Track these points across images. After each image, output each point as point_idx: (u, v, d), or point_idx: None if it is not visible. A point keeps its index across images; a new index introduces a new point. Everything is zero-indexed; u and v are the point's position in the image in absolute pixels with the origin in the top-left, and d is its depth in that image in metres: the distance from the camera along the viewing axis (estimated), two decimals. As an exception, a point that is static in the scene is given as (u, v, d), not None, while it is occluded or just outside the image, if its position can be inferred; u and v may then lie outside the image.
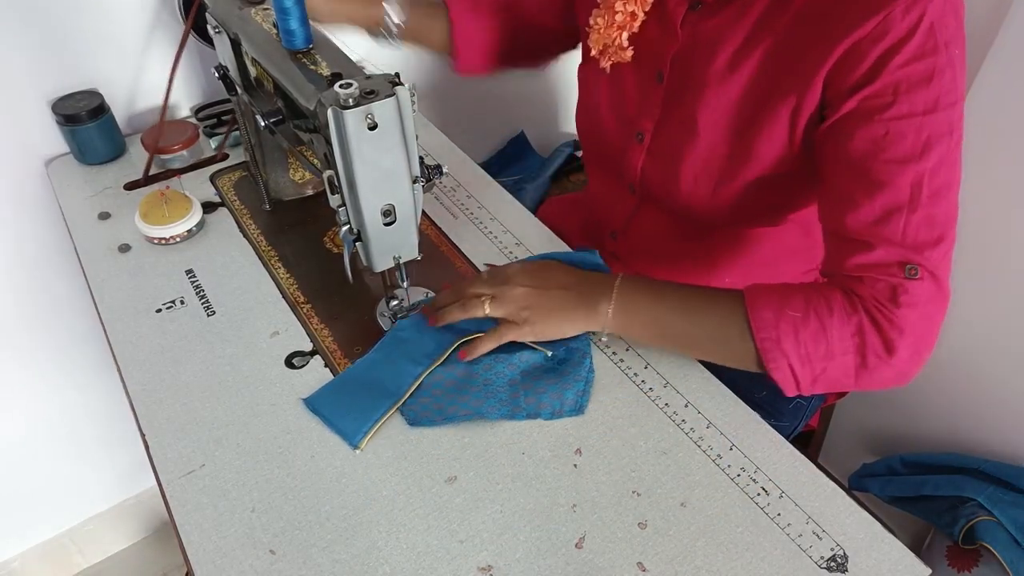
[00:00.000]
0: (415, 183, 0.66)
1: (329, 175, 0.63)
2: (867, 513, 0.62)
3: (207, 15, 0.81)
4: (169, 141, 0.99)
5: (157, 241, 0.88)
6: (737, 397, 0.71)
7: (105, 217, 0.93)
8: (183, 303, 0.81)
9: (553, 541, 0.61)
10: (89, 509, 1.44)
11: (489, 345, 0.72)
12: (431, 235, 0.92)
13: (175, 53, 0.91)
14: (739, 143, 0.74)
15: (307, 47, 0.70)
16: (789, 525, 0.61)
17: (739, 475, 0.65)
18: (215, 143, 1.04)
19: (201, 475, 0.65)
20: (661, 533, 0.61)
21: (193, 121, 1.07)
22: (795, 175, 0.74)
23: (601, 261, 0.79)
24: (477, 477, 0.65)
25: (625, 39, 0.77)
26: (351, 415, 0.69)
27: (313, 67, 0.68)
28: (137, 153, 1.03)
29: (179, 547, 0.62)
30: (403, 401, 0.70)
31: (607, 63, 0.79)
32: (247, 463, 0.66)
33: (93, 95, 0.99)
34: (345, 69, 0.66)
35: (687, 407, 0.70)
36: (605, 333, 0.73)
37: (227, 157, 1.03)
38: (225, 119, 1.07)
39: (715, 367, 0.74)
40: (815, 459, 1.20)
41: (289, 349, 0.76)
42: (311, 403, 0.71)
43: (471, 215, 0.94)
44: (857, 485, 1.19)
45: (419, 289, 0.82)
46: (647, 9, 0.75)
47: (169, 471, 0.66)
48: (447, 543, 0.61)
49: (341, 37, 0.74)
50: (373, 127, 0.60)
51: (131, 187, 0.97)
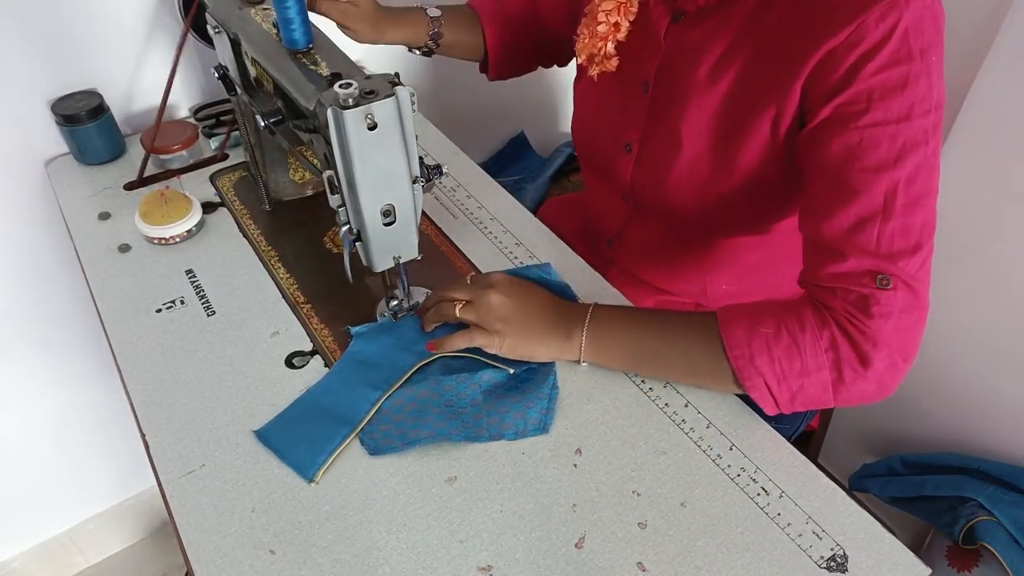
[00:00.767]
0: (415, 183, 0.66)
1: (329, 175, 0.63)
2: (867, 513, 0.62)
3: (207, 15, 0.81)
4: (168, 141, 0.99)
5: (157, 241, 0.88)
6: (736, 397, 0.71)
7: (105, 217, 0.93)
8: (183, 303, 0.81)
9: (553, 541, 0.61)
10: (89, 509, 1.44)
11: (459, 343, 0.72)
12: (431, 235, 0.92)
13: (175, 53, 0.91)
14: (722, 153, 0.74)
15: (307, 47, 0.70)
16: (789, 525, 0.61)
17: (739, 475, 0.65)
18: (214, 143, 1.04)
19: (201, 475, 0.65)
20: (661, 533, 0.61)
21: (192, 121, 1.07)
22: (779, 183, 0.74)
23: (572, 293, 0.79)
24: (477, 477, 0.65)
25: (611, 48, 0.78)
26: (304, 446, 0.66)
27: (313, 67, 0.68)
28: (137, 153, 1.02)
29: (179, 547, 0.62)
30: (361, 428, 0.68)
31: (594, 72, 0.80)
32: (247, 463, 0.66)
33: (92, 95, 0.99)
34: (345, 69, 0.66)
35: (687, 407, 0.70)
36: (581, 361, 0.73)
37: (227, 157, 1.03)
38: (224, 119, 1.07)
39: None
40: (815, 459, 1.20)
41: (289, 349, 0.76)
42: (262, 435, 0.68)
43: (471, 215, 0.94)
44: (857, 485, 1.19)
45: (419, 289, 0.82)
46: (631, 19, 0.76)
47: (169, 471, 0.66)
48: (447, 543, 0.61)
49: (337, 35, 0.74)
50: (373, 127, 0.60)
51: (131, 187, 0.97)
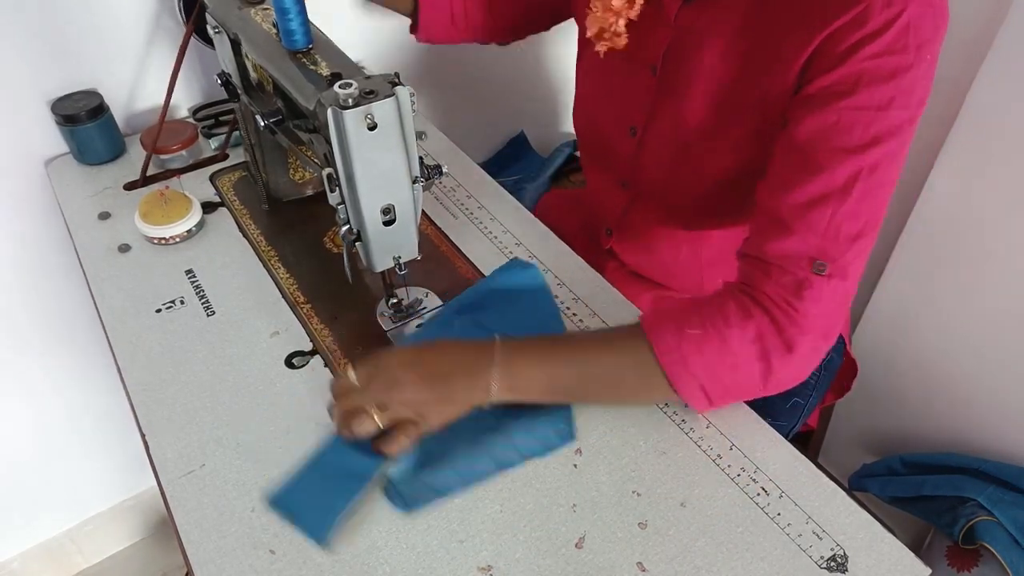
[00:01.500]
0: (415, 183, 0.66)
1: (328, 172, 0.63)
2: (867, 513, 0.62)
3: (207, 15, 0.81)
4: (168, 141, 0.99)
5: (157, 241, 0.88)
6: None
7: (105, 217, 0.93)
8: (183, 303, 0.81)
9: (553, 541, 0.61)
10: (89, 509, 1.44)
11: (404, 444, 0.62)
12: (431, 235, 0.92)
13: (176, 54, 0.91)
14: (727, 137, 0.75)
15: (307, 47, 0.70)
16: (789, 525, 0.61)
17: (739, 475, 0.65)
18: (214, 143, 1.04)
19: (201, 475, 0.65)
20: (661, 533, 0.61)
21: (192, 121, 1.07)
22: None
23: (537, 280, 0.77)
24: (477, 477, 0.65)
25: (621, 25, 0.77)
26: (316, 509, 0.60)
27: (313, 67, 0.68)
28: (137, 153, 1.02)
29: (179, 547, 0.61)
30: (375, 477, 0.62)
31: (601, 48, 0.79)
32: (247, 463, 0.66)
33: (92, 95, 0.99)
34: (345, 69, 0.66)
35: (687, 407, 0.70)
36: (492, 399, 0.65)
37: (227, 157, 1.03)
38: (224, 119, 1.07)
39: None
40: (815, 459, 1.20)
41: (289, 349, 0.76)
42: (275, 503, 0.62)
43: (471, 215, 0.94)
44: (857, 485, 1.19)
45: (419, 289, 0.82)
46: None
47: (169, 471, 0.66)
48: (447, 543, 0.61)
49: (337, 35, 0.74)
50: (373, 127, 0.60)
51: (131, 187, 0.97)
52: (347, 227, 0.67)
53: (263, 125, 0.75)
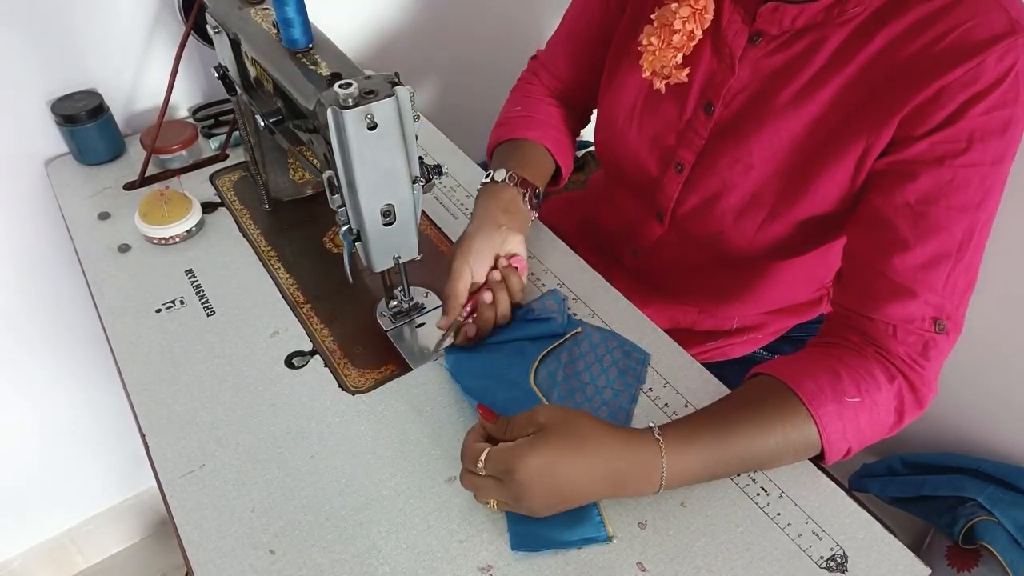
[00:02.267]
0: (415, 183, 0.66)
1: (329, 175, 0.63)
2: (867, 513, 0.62)
3: (207, 15, 0.81)
4: (168, 141, 0.99)
5: (157, 241, 0.88)
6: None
7: (105, 217, 0.93)
8: (183, 303, 0.81)
9: (553, 541, 0.60)
10: (89, 509, 1.44)
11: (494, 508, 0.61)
12: (431, 235, 0.92)
13: (175, 53, 0.91)
14: (798, 180, 0.72)
15: (307, 47, 0.70)
16: (789, 525, 0.61)
17: (738, 475, 0.65)
18: (214, 143, 1.04)
19: (201, 475, 0.65)
20: (661, 533, 0.61)
21: (192, 121, 1.07)
22: (846, 212, 0.72)
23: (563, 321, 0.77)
24: (477, 477, 0.65)
25: (680, 60, 0.74)
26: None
27: (313, 67, 0.68)
28: (137, 153, 1.02)
29: (179, 547, 0.62)
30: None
31: (660, 85, 0.77)
32: (247, 463, 0.66)
33: (92, 95, 0.99)
34: (345, 69, 0.66)
35: (687, 407, 0.70)
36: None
37: (227, 157, 1.03)
38: (224, 119, 1.07)
39: (714, 371, 0.74)
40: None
41: (289, 349, 0.76)
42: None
43: (471, 215, 0.94)
44: (857, 485, 1.19)
45: (419, 289, 0.82)
46: (705, 27, 0.72)
47: (169, 471, 0.66)
48: (447, 543, 0.61)
49: (337, 35, 0.74)
50: (373, 127, 0.60)
51: (131, 187, 0.97)
52: (347, 227, 0.67)
53: (263, 125, 0.75)
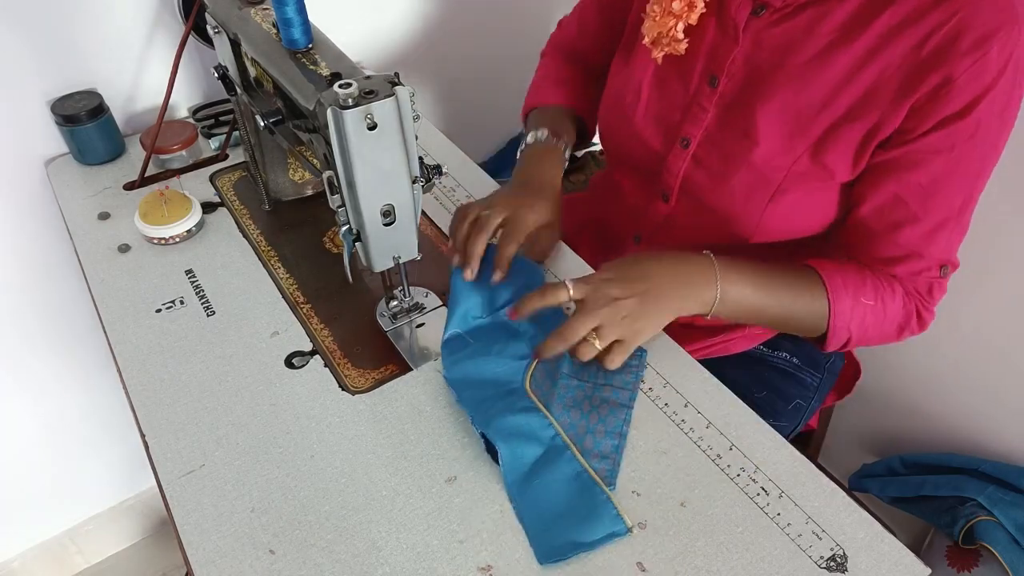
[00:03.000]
0: (415, 183, 0.66)
1: (329, 175, 0.63)
2: (867, 513, 0.62)
3: (207, 15, 0.81)
4: (168, 141, 0.99)
5: (157, 241, 0.88)
6: (736, 397, 0.71)
7: (105, 217, 0.93)
8: (183, 303, 0.81)
9: (553, 541, 0.60)
10: (89, 509, 1.44)
11: (617, 362, 0.69)
12: (431, 235, 0.92)
13: (175, 53, 0.91)
14: (803, 154, 0.73)
15: (307, 47, 0.70)
16: (789, 525, 0.61)
17: (739, 475, 0.65)
18: (214, 144, 1.04)
19: (201, 475, 0.65)
20: (661, 533, 0.61)
21: (192, 121, 1.07)
22: (848, 186, 0.75)
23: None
24: (477, 477, 0.65)
25: (680, 30, 0.75)
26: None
27: (313, 67, 0.68)
28: (136, 153, 1.02)
29: (179, 547, 0.62)
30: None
31: (658, 55, 0.77)
32: (247, 463, 0.66)
33: (92, 95, 0.99)
34: (345, 69, 0.66)
35: (687, 407, 0.70)
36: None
37: (227, 157, 1.03)
38: (224, 119, 1.07)
39: (714, 367, 0.74)
40: (815, 459, 1.20)
41: (289, 349, 0.76)
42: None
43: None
44: (857, 485, 1.19)
45: (419, 289, 0.82)
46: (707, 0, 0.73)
47: (169, 471, 0.66)
48: (447, 543, 0.61)
49: (337, 35, 0.74)
50: (372, 127, 0.60)
51: (131, 187, 0.97)
52: (347, 227, 0.67)
53: (263, 125, 0.75)
